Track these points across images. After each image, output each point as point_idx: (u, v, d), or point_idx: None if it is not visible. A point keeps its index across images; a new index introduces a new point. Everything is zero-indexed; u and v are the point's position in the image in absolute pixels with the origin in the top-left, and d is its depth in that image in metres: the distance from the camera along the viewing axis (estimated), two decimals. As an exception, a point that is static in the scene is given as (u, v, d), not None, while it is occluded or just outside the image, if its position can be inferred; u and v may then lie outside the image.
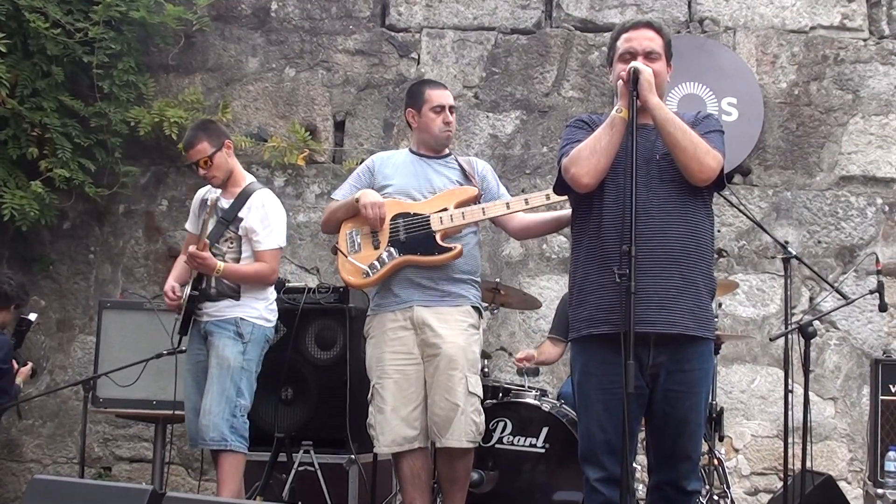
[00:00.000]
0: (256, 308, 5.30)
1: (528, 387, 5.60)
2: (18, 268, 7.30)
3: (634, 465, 4.63)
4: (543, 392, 5.69)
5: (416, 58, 7.59)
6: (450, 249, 4.81)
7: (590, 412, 3.83)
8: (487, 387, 5.48)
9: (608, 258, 3.71)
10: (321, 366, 5.75)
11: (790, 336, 5.30)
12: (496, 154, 7.38)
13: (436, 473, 5.12)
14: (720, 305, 6.65)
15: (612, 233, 3.73)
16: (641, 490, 5.09)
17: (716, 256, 4.91)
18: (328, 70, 7.64)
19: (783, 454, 5.32)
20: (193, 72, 7.71)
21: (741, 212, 6.09)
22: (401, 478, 4.94)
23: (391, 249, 4.84)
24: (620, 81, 3.80)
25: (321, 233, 7.34)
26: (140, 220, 7.63)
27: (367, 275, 4.85)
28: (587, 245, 3.87)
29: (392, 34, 7.63)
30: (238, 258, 5.30)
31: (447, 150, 5.14)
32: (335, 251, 4.97)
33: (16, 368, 6.26)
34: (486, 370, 5.83)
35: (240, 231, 5.30)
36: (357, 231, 4.92)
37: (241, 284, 5.28)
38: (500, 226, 5.13)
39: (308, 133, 7.48)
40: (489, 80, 7.51)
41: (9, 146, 7.11)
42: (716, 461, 5.80)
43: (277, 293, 5.75)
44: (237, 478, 5.17)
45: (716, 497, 5.71)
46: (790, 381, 5.31)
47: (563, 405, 5.51)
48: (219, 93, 7.65)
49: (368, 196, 4.85)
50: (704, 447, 5.42)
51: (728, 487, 5.85)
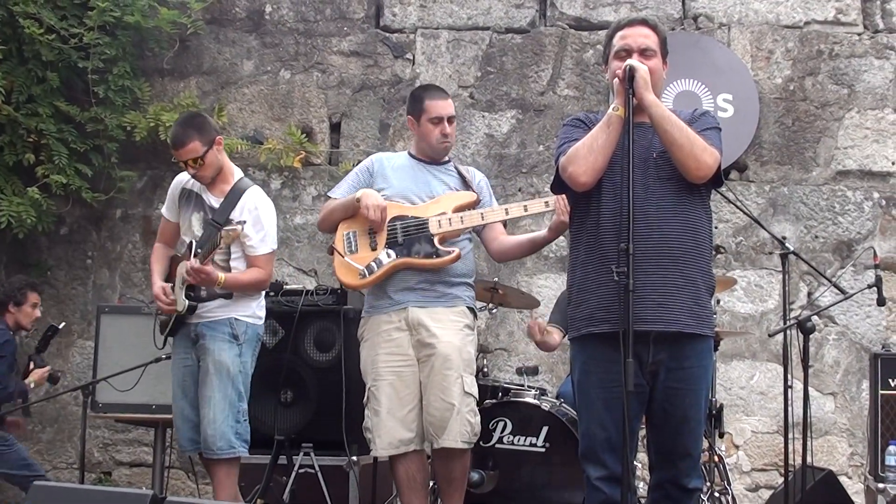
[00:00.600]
0: (250, 306, 5.14)
1: (528, 386, 5.59)
2: (16, 274, 7.28)
3: (635, 463, 4.62)
4: (543, 391, 5.68)
5: (411, 58, 7.58)
6: (447, 253, 4.78)
7: (590, 411, 3.82)
8: (487, 386, 5.48)
9: (607, 256, 3.70)
10: (320, 368, 5.73)
11: (789, 331, 5.30)
12: (492, 154, 7.37)
13: (433, 474, 5.10)
14: (718, 302, 6.64)
15: (611, 231, 3.72)
16: (642, 488, 5.09)
17: (713, 253, 4.91)
18: (323, 72, 7.63)
19: (783, 450, 5.32)
20: (188, 75, 7.71)
21: (738, 208, 6.09)
22: (397, 481, 4.93)
23: (389, 251, 4.81)
24: (616, 79, 3.79)
25: (319, 232, 7.38)
26: (137, 225, 7.63)
27: (364, 276, 4.81)
28: (585, 243, 3.86)
29: (386, 35, 7.63)
30: (228, 259, 5.08)
31: (447, 158, 5.10)
32: (332, 251, 4.93)
33: (31, 368, 6.39)
34: (486, 370, 5.83)
35: None
36: (355, 232, 4.88)
37: (238, 292, 5.12)
38: (485, 245, 5.08)
39: (304, 135, 7.48)
40: (484, 80, 7.51)
41: (5, 152, 7.12)
42: (716, 458, 5.78)
43: (276, 296, 5.75)
44: (235, 480, 5.13)
45: (717, 494, 5.70)
46: (789, 377, 5.31)
47: (563, 404, 5.49)
48: (214, 96, 7.64)
49: (370, 197, 4.79)
50: (705, 444, 5.41)
51: (729, 484, 5.83)
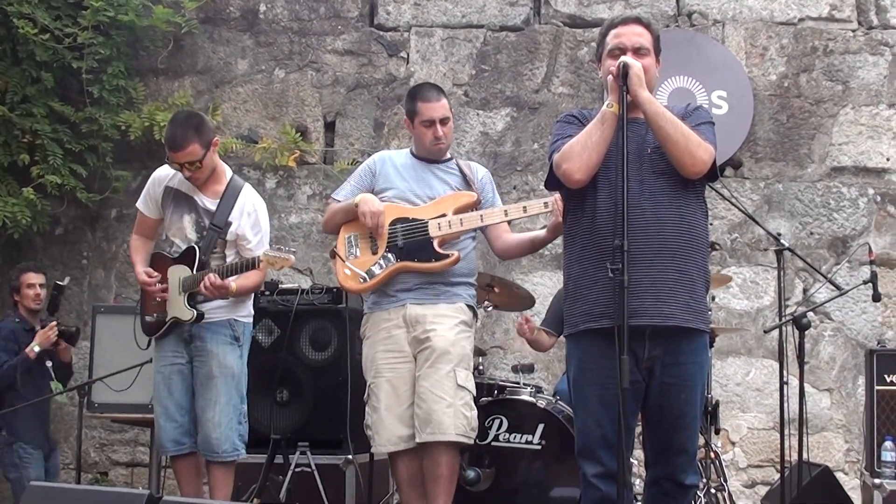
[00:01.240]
0: (246, 306, 5.16)
1: (524, 384, 5.59)
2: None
3: (632, 460, 4.62)
4: (539, 389, 5.68)
5: (406, 57, 7.58)
6: (447, 256, 4.77)
7: (586, 408, 3.82)
8: (483, 384, 5.47)
9: (602, 253, 3.70)
10: (316, 367, 5.73)
11: (785, 328, 5.31)
12: (487, 152, 7.37)
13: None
14: (714, 298, 6.64)
15: (606, 227, 3.71)
16: (639, 485, 5.09)
17: (709, 250, 4.91)
18: (317, 71, 7.63)
19: (780, 446, 5.33)
20: (183, 75, 7.70)
21: (733, 205, 6.09)
22: (397, 478, 4.91)
23: (388, 255, 4.80)
24: (610, 77, 3.79)
25: (314, 231, 7.40)
26: (132, 225, 7.49)
27: (365, 280, 4.81)
28: (581, 240, 3.86)
29: (381, 33, 7.62)
30: (223, 261, 5.03)
31: (448, 155, 5.07)
32: (333, 255, 4.92)
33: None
34: (481, 368, 5.82)
35: (228, 236, 5.05)
36: (356, 236, 4.88)
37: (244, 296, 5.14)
38: (489, 242, 5.10)
39: (298, 134, 7.48)
40: (479, 78, 7.51)
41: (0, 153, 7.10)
42: (713, 454, 5.79)
43: (271, 295, 5.75)
44: (232, 480, 5.12)
45: (713, 490, 5.71)
46: (785, 373, 5.32)
47: (559, 401, 5.50)
48: (208, 95, 7.64)
49: (367, 203, 4.78)
50: (701, 440, 5.42)
51: (725, 480, 5.84)
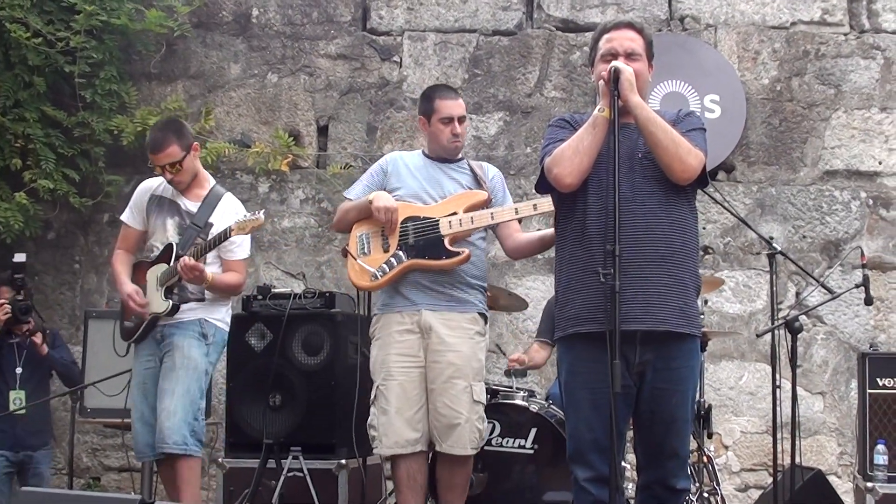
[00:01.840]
0: (220, 311, 5.22)
1: (517, 388, 5.59)
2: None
3: (623, 465, 4.62)
4: (531, 393, 5.68)
5: (398, 61, 7.58)
6: (458, 254, 4.81)
7: (577, 412, 3.83)
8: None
9: (593, 257, 3.70)
10: (308, 371, 5.71)
11: (777, 331, 5.31)
12: (480, 156, 7.36)
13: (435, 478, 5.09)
14: (706, 302, 6.65)
15: (597, 232, 3.72)
16: (630, 489, 5.09)
17: (701, 253, 4.91)
18: (310, 75, 7.63)
19: (773, 450, 5.33)
20: (175, 79, 7.70)
21: (726, 209, 6.09)
22: (397, 480, 4.93)
23: (400, 253, 4.85)
24: (602, 81, 3.80)
25: (307, 236, 7.39)
26: (124, 230, 7.59)
27: (376, 277, 4.85)
28: (572, 244, 3.86)
29: (373, 38, 7.63)
30: (204, 264, 5.09)
31: (460, 155, 5.13)
32: (345, 253, 4.97)
33: None
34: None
35: (209, 237, 5.11)
36: (368, 233, 4.93)
37: (219, 294, 5.20)
38: (500, 241, 5.14)
39: (291, 138, 7.47)
40: (471, 82, 7.51)
41: (-8, 158, 7.10)
42: (705, 458, 5.79)
43: (263, 299, 5.75)
44: (197, 483, 5.10)
45: (706, 494, 5.71)
46: (778, 377, 5.32)
47: (552, 406, 5.50)
48: (201, 100, 7.63)
49: (381, 199, 4.85)
50: (693, 444, 5.42)
51: (718, 484, 5.84)
